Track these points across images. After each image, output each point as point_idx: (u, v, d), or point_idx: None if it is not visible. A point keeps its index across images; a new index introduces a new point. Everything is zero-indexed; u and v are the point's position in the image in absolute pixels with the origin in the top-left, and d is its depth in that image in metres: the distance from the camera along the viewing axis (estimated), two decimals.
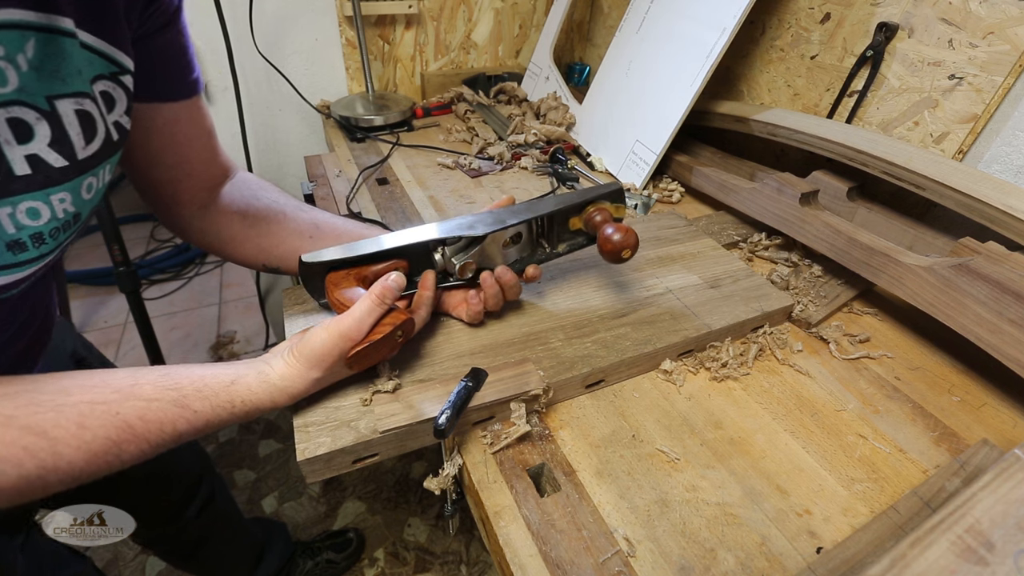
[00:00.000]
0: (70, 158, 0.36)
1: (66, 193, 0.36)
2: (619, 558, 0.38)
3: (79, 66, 0.35)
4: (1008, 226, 0.55)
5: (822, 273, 0.69)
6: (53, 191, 0.35)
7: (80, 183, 0.37)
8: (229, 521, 0.96)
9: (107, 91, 0.38)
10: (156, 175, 0.51)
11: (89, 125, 0.37)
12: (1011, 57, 0.60)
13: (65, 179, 0.36)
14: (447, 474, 0.45)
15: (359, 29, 1.07)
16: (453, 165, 0.95)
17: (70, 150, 0.36)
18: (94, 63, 0.37)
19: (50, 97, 0.34)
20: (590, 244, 0.58)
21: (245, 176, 0.60)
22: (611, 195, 0.56)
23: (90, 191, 0.39)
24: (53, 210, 0.36)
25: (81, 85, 0.36)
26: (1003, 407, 0.53)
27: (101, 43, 0.37)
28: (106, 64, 0.38)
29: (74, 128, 0.35)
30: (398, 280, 0.46)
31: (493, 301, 0.53)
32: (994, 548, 0.33)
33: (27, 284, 0.38)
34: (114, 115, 0.39)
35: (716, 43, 0.77)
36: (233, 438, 1.49)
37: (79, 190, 0.37)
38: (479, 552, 1.24)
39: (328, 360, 0.42)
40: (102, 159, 0.39)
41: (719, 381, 0.54)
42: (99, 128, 0.38)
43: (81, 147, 0.36)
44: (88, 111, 0.36)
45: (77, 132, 0.36)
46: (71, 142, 0.35)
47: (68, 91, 0.35)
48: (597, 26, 1.34)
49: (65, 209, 0.37)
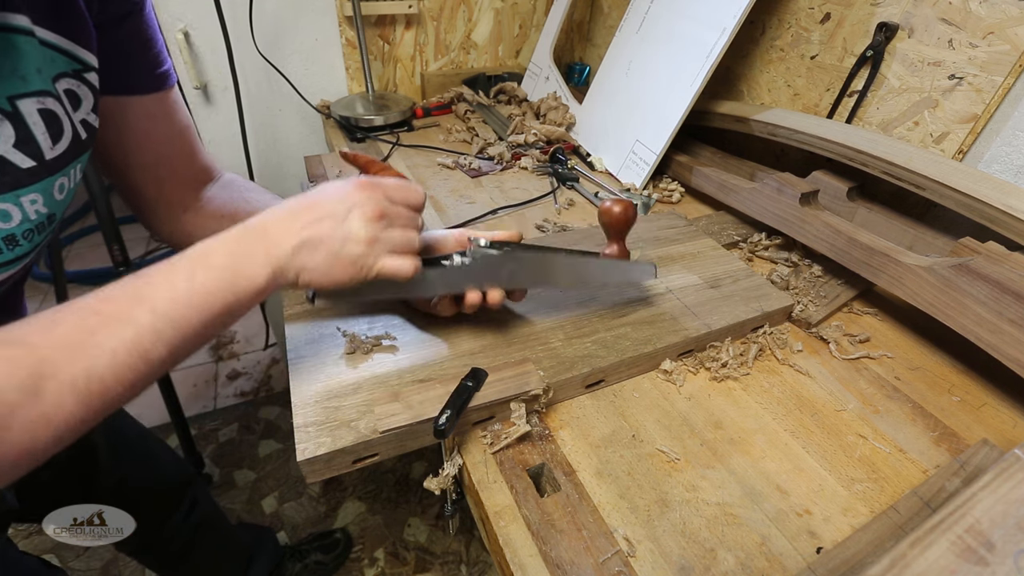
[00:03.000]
0: (37, 159, 0.35)
1: (37, 194, 0.36)
2: (619, 558, 0.38)
3: (38, 64, 0.34)
4: (1008, 226, 0.55)
5: (822, 273, 0.69)
6: (23, 192, 0.35)
7: (51, 184, 0.37)
8: (216, 528, 0.95)
9: (71, 89, 0.38)
10: (136, 176, 0.50)
11: (55, 124, 0.36)
12: (1011, 57, 0.60)
13: (34, 180, 0.35)
14: (447, 474, 0.45)
15: (359, 29, 1.07)
16: (453, 165, 0.95)
17: (36, 150, 0.35)
18: (56, 61, 0.36)
19: (11, 97, 0.33)
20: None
21: (232, 177, 0.59)
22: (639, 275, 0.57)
23: (62, 191, 0.38)
24: (24, 212, 0.35)
25: (42, 84, 0.35)
26: (1003, 407, 0.53)
27: (61, 40, 0.36)
28: (68, 61, 0.37)
29: (39, 128, 0.35)
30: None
31: (471, 310, 0.51)
32: (994, 548, 0.33)
33: (3, 288, 0.38)
34: (80, 113, 0.39)
35: (716, 43, 0.77)
36: (233, 438, 1.49)
37: (50, 191, 0.37)
38: (479, 552, 1.24)
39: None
40: (71, 159, 0.38)
41: (719, 381, 0.54)
42: (65, 127, 0.37)
43: (48, 147, 0.36)
44: (52, 110, 0.36)
45: (43, 132, 0.35)
46: (37, 142, 0.35)
47: (29, 90, 0.34)
48: (597, 26, 1.34)
49: (37, 210, 0.36)
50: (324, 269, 0.40)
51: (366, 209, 0.40)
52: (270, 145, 1.21)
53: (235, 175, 0.59)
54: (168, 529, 0.83)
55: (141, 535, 0.77)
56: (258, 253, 0.38)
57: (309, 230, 0.39)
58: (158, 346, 0.34)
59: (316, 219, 0.39)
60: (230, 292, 0.36)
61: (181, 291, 0.35)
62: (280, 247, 0.38)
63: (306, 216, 0.39)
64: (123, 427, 0.77)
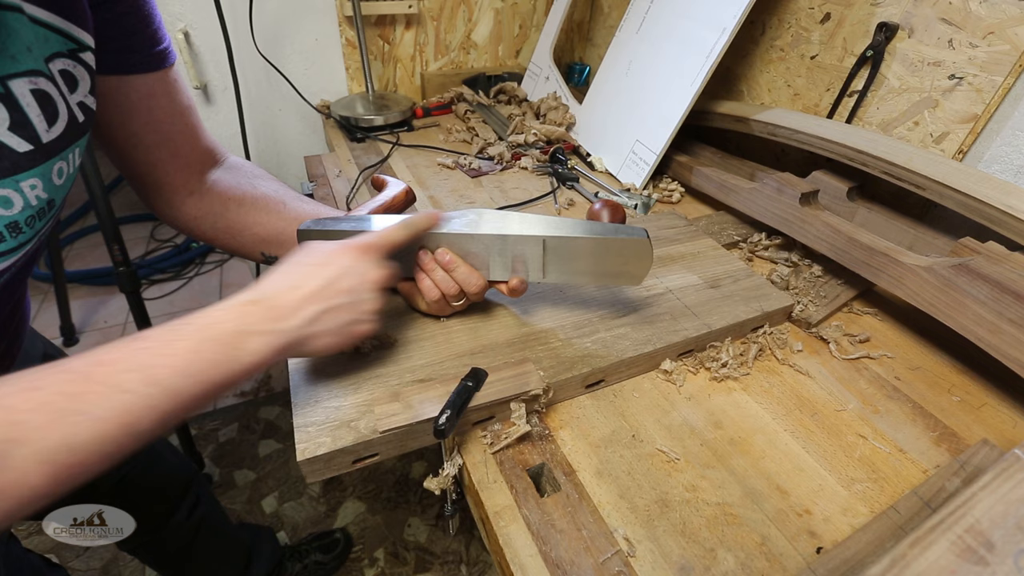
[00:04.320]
0: (34, 142, 0.34)
1: (36, 179, 0.35)
2: (619, 558, 0.38)
3: (28, 43, 0.34)
4: (1008, 226, 0.55)
5: (822, 273, 0.69)
6: (22, 177, 0.34)
7: (50, 168, 0.36)
8: (216, 527, 0.95)
9: (67, 70, 0.37)
10: (140, 157, 0.50)
11: (49, 106, 0.35)
12: (1011, 57, 0.60)
13: (33, 164, 0.35)
14: (447, 474, 0.45)
15: (359, 29, 1.07)
16: (453, 165, 0.95)
17: (33, 133, 0.34)
18: (49, 40, 0.35)
19: (2, 78, 0.32)
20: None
21: (237, 161, 0.58)
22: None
23: (61, 176, 0.38)
24: (25, 197, 0.35)
25: (34, 63, 0.34)
26: (1003, 407, 0.53)
27: (54, 18, 0.35)
28: (62, 41, 0.36)
29: (33, 110, 0.34)
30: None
31: (444, 286, 0.50)
32: (994, 548, 0.33)
33: (7, 276, 0.38)
34: (77, 95, 0.38)
35: (716, 43, 0.77)
36: (233, 438, 1.49)
37: (49, 175, 0.36)
38: (479, 552, 1.24)
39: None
40: (69, 142, 0.37)
41: (719, 381, 0.54)
42: (61, 109, 0.36)
43: (44, 130, 0.35)
44: (46, 91, 0.35)
45: (37, 114, 0.34)
46: (32, 125, 0.34)
47: (19, 70, 0.33)
48: (597, 26, 1.34)
49: (37, 196, 0.36)
50: (333, 341, 0.41)
51: (375, 279, 0.42)
52: (270, 145, 1.21)
53: (241, 159, 0.58)
54: (170, 527, 0.83)
55: (143, 533, 0.77)
56: (267, 328, 0.37)
57: (320, 305, 0.39)
58: (149, 418, 0.31)
59: (328, 294, 0.40)
60: (236, 362, 0.35)
61: (182, 361, 0.33)
62: (290, 321, 0.38)
63: (313, 289, 0.39)
64: None
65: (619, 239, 0.48)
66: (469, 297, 0.52)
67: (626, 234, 0.49)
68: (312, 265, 0.41)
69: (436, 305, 0.52)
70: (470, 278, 0.50)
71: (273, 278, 0.40)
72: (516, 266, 0.52)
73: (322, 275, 0.40)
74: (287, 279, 0.40)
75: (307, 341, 0.39)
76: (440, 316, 0.55)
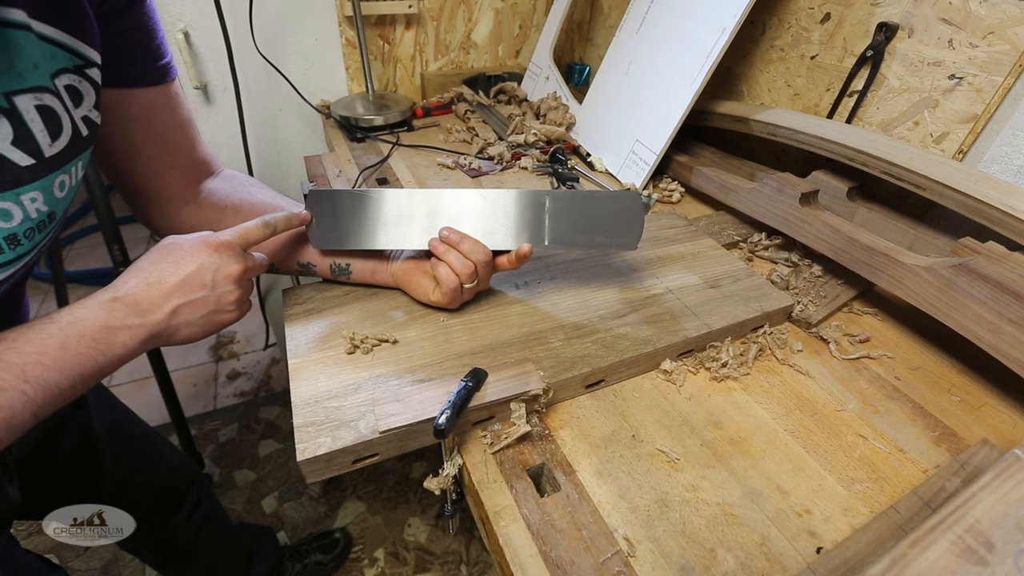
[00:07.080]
0: (37, 156, 0.35)
1: (37, 192, 0.36)
2: (619, 558, 0.38)
3: (35, 60, 0.34)
4: (1008, 226, 0.55)
5: (822, 273, 0.69)
6: (23, 191, 0.35)
7: (51, 181, 0.36)
8: (217, 527, 0.95)
9: (72, 85, 0.37)
10: (139, 168, 0.50)
11: (53, 121, 0.36)
12: (1011, 57, 0.60)
13: (34, 178, 0.35)
14: (447, 474, 0.45)
15: (359, 29, 1.07)
16: (453, 165, 0.95)
17: (35, 147, 0.35)
18: (56, 56, 0.36)
19: (8, 94, 0.33)
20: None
21: (233, 173, 0.59)
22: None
23: (63, 189, 0.38)
24: (25, 210, 0.35)
25: (40, 79, 0.35)
26: (1003, 407, 0.53)
27: (62, 35, 0.36)
28: (69, 57, 0.37)
29: (37, 125, 0.35)
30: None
31: (460, 267, 0.52)
32: (994, 548, 0.33)
33: (6, 287, 0.38)
34: (82, 110, 0.38)
35: (716, 43, 0.77)
36: (233, 438, 1.49)
37: (51, 188, 0.37)
38: (479, 552, 1.24)
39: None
40: (72, 156, 0.38)
41: (719, 381, 0.54)
42: (65, 124, 0.37)
43: (47, 144, 0.35)
44: (50, 107, 0.35)
45: (41, 129, 0.35)
46: (36, 139, 0.35)
47: (26, 86, 0.34)
48: (597, 26, 1.34)
49: (38, 209, 0.36)
50: (196, 331, 0.44)
51: (231, 273, 0.45)
52: (270, 145, 1.21)
53: (236, 172, 0.59)
54: (171, 527, 0.83)
55: (145, 532, 0.77)
56: (133, 322, 0.40)
57: (180, 298, 0.42)
58: (25, 412, 0.34)
59: (187, 289, 0.42)
60: (102, 356, 0.38)
61: (51, 357, 0.35)
62: (154, 315, 0.41)
63: (173, 284, 0.42)
64: (128, 425, 0.77)
65: (608, 191, 0.52)
66: (479, 271, 0.53)
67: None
68: (170, 262, 0.43)
69: (451, 294, 0.53)
70: (476, 247, 0.52)
71: (131, 276, 0.42)
72: (519, 229, 0.54)
73: (181, 271, 0.42)
74: (146, 276, 0.42)
75: (171, 332, 0.42)
76: (448, 308, 0.55)
